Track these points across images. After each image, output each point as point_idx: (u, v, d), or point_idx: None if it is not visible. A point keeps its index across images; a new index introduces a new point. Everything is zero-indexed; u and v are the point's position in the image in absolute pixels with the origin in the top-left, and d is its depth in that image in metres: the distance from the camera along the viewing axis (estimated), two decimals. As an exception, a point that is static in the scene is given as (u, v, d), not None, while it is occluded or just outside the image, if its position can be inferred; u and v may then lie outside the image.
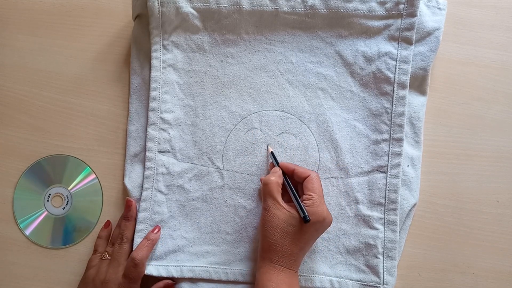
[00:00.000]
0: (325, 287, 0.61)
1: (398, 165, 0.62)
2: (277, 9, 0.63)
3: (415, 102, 0.64)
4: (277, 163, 0.61)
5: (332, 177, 0.63)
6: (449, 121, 0.65)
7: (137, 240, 0.62)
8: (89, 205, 0.66)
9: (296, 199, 0.56)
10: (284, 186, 0.59)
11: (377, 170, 0.62)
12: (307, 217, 0.54)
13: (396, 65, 0.62)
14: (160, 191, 0.63)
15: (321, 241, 0.62)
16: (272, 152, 0.62)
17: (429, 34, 0.63)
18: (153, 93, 0.64)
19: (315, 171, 0.63)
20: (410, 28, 0.62)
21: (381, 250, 0.61)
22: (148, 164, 0.63)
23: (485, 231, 0.64)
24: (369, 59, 0.63)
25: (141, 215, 0.63)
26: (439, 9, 0.64)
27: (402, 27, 0.62)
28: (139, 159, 0.65)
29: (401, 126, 0.62)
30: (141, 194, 0.63)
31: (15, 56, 0.68)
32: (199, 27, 0.64)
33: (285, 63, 0.64)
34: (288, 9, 0.63)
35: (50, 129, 0.67)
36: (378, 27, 0.62)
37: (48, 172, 0.66)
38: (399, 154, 0.62)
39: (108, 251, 0.62)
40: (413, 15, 0.61)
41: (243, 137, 0.64)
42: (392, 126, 0.62)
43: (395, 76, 0.62)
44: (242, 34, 0.64)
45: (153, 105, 0.64)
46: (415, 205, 0.63)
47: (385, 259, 0.61)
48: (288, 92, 0.64)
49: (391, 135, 0.62)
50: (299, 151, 0.63)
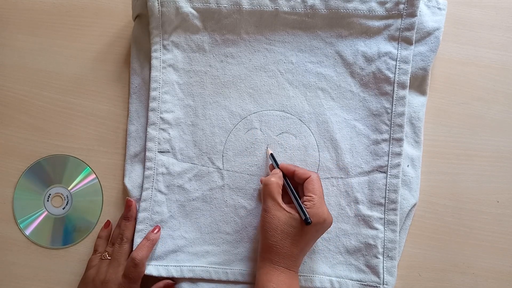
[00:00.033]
0: (325, 287, 0.61)
1: (398, 165, 0.62)
2: (277, 9, 0.63)
3: (415, 102, 0.64)
4: (277, 164, 0.61)
5: (332, 177, 0.63)
6: (449, 121, 0.65)
7: (137, 240, 0.62)
8: (89, 205, 0.66)
9: (297, 201, 0.56)
10: (284, 187, 0.59)
11: (377, 170, 0.62)
12: (308, 219, 0.54)
13: (396, 65, 0.62)
14: (160, 191, 0.63)
15: (321, 241, 0.62)
16: (271, 154, 0.62)
17: (429, 34, 0.63)
18: (153, 93, 0.64)
19: (315, 171, 0.63)
20: (410, 28, 0.62)
21: (381, 250, 0.61)
22: (148, 164, 0.63)
23: (485, 231, 0.64)
24: (369, 59, 0.63)
25: (141, 215, 0.63)
26: (439, 9, 0.64)
27: (402, 27, 0.62)
28: (139, 159, 0.65)
29: (401, 126, 0.62)
30: (141, 194, 0.63)
31: (15, 56, 0.68)
32: (199, 27, 0.64)
33: (285, 63, 0.64)
34: (288, 9, 0.63)
35: (50, 129, 0.67)
36: (378, 27, 0.62)
37: (48, 172, 0.66)
38: (399, 154, 0.62)
39: (108, 251, 0.62)
40: (413, 15, 0.61)
41: (243, 137, 0.64)
42: (392, 126, 0.62)
43: (395, 76, 0.62)
44: (242, 34, 0.64)
45: (153, 105, 0.64)
46: (415, 205, 0.63)
47: (385, 259, 0.61)
48: (288, 92, 0.64)
49: (391, 135, 0.62)
50: (299, 151, 0.63)
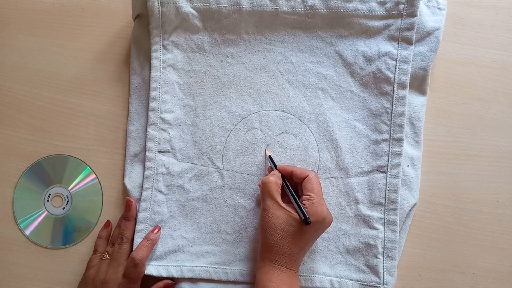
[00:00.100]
0: (325, 287, 0.61)
1: (398, 165, 0.62)
2: (277, 9, 0.63)
3: (415, 102, 0.64)
4: (275, 166, 0.61)
5: (332, 177, 0.63)
6: (449, 121, 0.65)
7: (137, 240, 0.62)
8: (89, 205, 0.66)
9: (295, 201, 0.56)
10: (283, 188, 0.59)
11: (377, 170, 0.62)
12: (307, 219, 0.54)
13: (396, 65, 0.62)
14: (160, 191, 0.63)
15: (321, 241, 0.62)
16: (270, 156, 0.62)
17: (429, 34, 0.63)
18: (153, 93, 0.64)
19: (315, 171, 0.63)
20: (410, 28, 0.62)
21: (381, 250, 0.61)
22: (148, 164, 0.63)
23: (485, 231, 0.64)
24: (369, 59, 0.63)
25: (141, 215, 0.63)
26: (439, 9, 0.64)
27: (402, 27, 0.62)
28: (139, 159, 0.65)
29: (401, 126, 0.62)
30: (141, 194, 0.63)
31: (15, 56, 0.68)
32: (199, 27, 0.64)
33: (285, 63, 0.64)
34: (288, 9, 0.63)
35: (50, 129, 0.67)
36: (378, 27, 0.62)
37: (48, 172, 0.66)
38: (399, 154, 0.62)
39: (108, 251, 0.62)
40: (413, 15, 0.61)
41: (243, 137, 0.64)
42: (392, 126, 0.62)
43: (395, 76, 0.62)
44: (242, 34, 0.64)
45: (153, 105, 0.64)
46: (415, 205, 0.63)
47: (385, 259, 0.61)
48: (288, 92, 0.64)
49: (391, 135, 0.62)
50: (299, 151, 0.63)
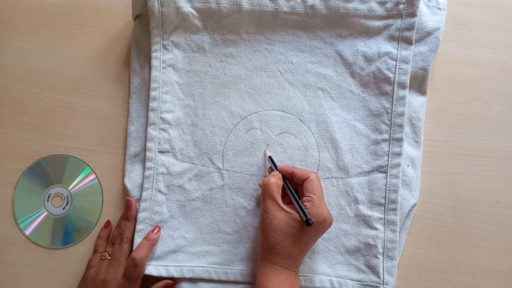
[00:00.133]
0: (325, 287, 0.61)
1: (398, 165, 0.62)
2: (277, 9, 0.63)
3: (415, 102, 0.64)
4: (275, 167, 0.61)
5: (332, 177, 0.63)
6: (449, 121, 0.65)
7: (137, 240, 0.62)
8: (89, 205, 0.66)
9: (297, 202, 0.56)
10: (283, 189, 0.58)
11: (377, 170, 0.62)
12: (309, 220, 0.54)
13: (396, 65, 0.62)
14: (160, 191, 0.63)
15: (321, 241, 0.62)
16: (270, 156, 0.62)
17: (429, 34, 0.63)
18: (153, 93, 0.64)
19: (315, 171, 0.63)
20: (410, 28, 0.62)
21: (381, 250, 0.61)
22: (148, 164, 0.63)
23: (485, 231, 0.64)
24: (369, 59, 0.63)
25: (141, 215, 0.63)
26: (439, 9, 0.64)
27: (402, 27, 0.62)
28: (139, 159, 0.65)
29: (401, 126, 0.62)
30: (141, 194, 0.63)
31: (15, 56, 0.68)
32: (199, 27, 0.64)
33: (285, 63, 0.64)
34: (288, 9, 0.63)
35: (50, 129, 0.67)
36: (378, 27, 0.62)
37: (48, 172, 0.66)
38: (399, 154, 0.62)
39: (108, 251, 0.62)
40: (413, 15, 0.61)
41: (243, 137, 0.64)
42: (392, 126, 0.62)
43: (395, 76, 0.62)
44: (242, 34, 0.64)
45: (153, 105, 0.64)
46: (415, 205, 0.63)
47: (385, 259, 0.61)
48: (288, 92, 0.64)
49: (391, 135, 0.62)
50: (299, 151, 0.63)
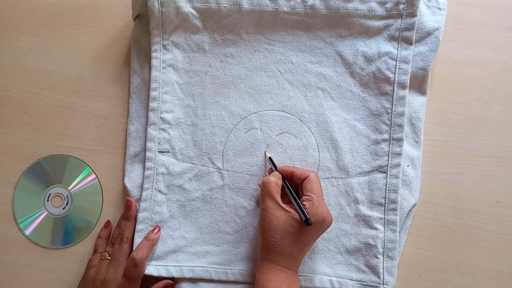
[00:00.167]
0: (325, 287, 0.61)
1: (398, 165, 0.62)
2: (277, 9, 0.63)
3: (415, 102, 0.64)
4: (275, 167, 0.61)
5: (332, 177, 0.63)
6: (449, 121, 0.65)
7: (137, 240, 0.62)
8: (89, 205, 0.66)
9: (296, 202, 0.56)
10: (283, 189, 0.58)
11: (377, 170, 0.62)
12: (308, 220, 0.54)
13: (396, 65, 0.62)
14: (160, 191, 0.63)
15: (321, 241, 0.62)
16: (270, 157, 0.62)
17: (429, 34, 0.63)
18: (153, 93, 0.64)
19: (315, 171, 0.63)
20: (410, 28, 0.62)
21: (381, 250, 0.61)
22: (148, 164, 0.63)
23: (485, 231, 0.64)
24: (369, 59, 0.63)
25: (141, 215, 0.63)
26: (439, 9, 0.64)
27: (402, 27, 0.62)
28: (139, 159, 0.65)
29: (401, 126, 0.62)
30: (141, 194, 0.63)
31: (15, 56, 0.68)
32: (199, 27, 0.64)
33: (285, 63, 0.64)
34: (288, 9, 0.63)
35: (50, 129, 0.67)
36: (378, 27, 0.62)
37: (48, 172, 0.66)
38: (399, 154, 0.62)
39: (108, 251, 0.62)
40: (413, 15, 0.61)
41: (243, 137, 0.64)
42: (392, 126, 0.62)
43: (395, 76, 0.62)
44: (242, 34, 0.64)
45: (153, 105, 0.64)
46: (415, 205, 0.63)
47: (385, 259, 0.61)
48: (288, 92, 0.64)
49: (391, 135, 0.62)
50: (299, 151, 0.63)
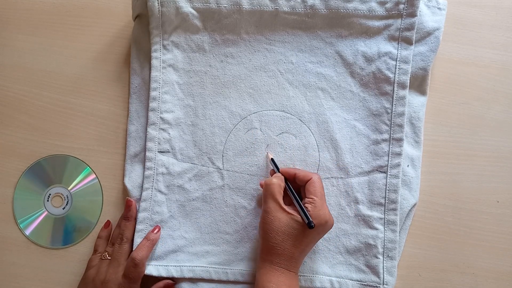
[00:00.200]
0: (325, 287, 0.61)
1: (398, 165, 0.62)
2: (277, 9, 0.63)
3: (415, 102, 0.64)
4: (278, 169, 0.60)
5: (332, 177, 0.63)
6: (449, 121, 0.65)
7: (137, 240, 0.62)
8: (89, 205, 0.66)
9: (299, 205, 0.56)
10: (285, 191, 0.58)
11: (377, 170, 0.62)
12: (311, 223, 0.54)
13: (396, 65, 0.62)
14: (160, 191, 0.63)
15: (321, 241, 0.62)
16: (272, 158, 0.62)
17: (429, 34, 0.63)
18: (153, 93, 0.64)
19: (315, 171, 0.63)
20: (410, 28, 0.62)
21: (381, 250, 0.61)
22: (148, 164, 0.63)
23: (485, 231, 0.64)
24: (369, 59, 0.63)
25: (141, 215, 0.63)
26: (439, 9, 0.64)
27: (402, 27, 0.62)
28: (139, 159, 0.65)
29: (401, 126, 0.62)
30: (141, 194, 0.63)
31: (15, 56, 0.68)
32: (199, 27, 0.64)
33: (285, 63, 0.64)
34: (288, 9, 0.63)
35: (50, 129, 0.67)
36: (378, 27, 0.62)
37: (48, 172, 0.66)
38: (399, 154, 0.62)
39: (108, 251, 0.62)
40: (413, 15, 0.61)
41: (243, 137, 0.64)
42: (392, 126, 0.62)
43: (395, 76, 0.62)
44: (242, 34, 0.64)
45: (153, 105, 0.64)
46: (415, 205, 0.63)
47: (385, 259, 0.61)
48: (288, 92, 0.64)
49: (391, 135, 0.62)
50: (299, 151, 0.63)
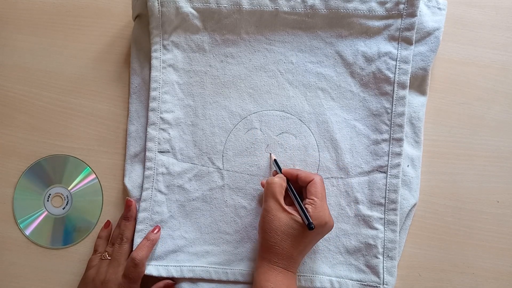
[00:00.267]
0: (325, 287, 0.61)
1: (398, 165, 0.62)
2: (277, 9, 0.63)
3: (415, 102, 0.64)
4: (280, 170, 0.60)
5: (332, 177, 0.63)
6: (449, 121, 0.65)
7: (137, 240, 0.62)
8: (89, 205, 0.66)
9: (300, 205, 0.56)
10: (286, 191, 0.58)
11: (377, 170, 0.62)
12: (311, 224, 0.54)
13: (396, 65, 0.62)
14: (160, 191, 0.63)
15: (321, 241, 0.62)
16: (275, 159, 0.62)
17: (429, 34, 0.63)
18: (153, 93, 0.64)
19: (315, 171, 0.63)
20: (410, 28, 0.62)
21: (381, 250, 0.61)
22: (148, 164, 0.63)
23: (485, 231, 0.64)
24: (369, 59, 0.63)
25: (141, 215, 0.63)
26: (439, 9, 0.64)
27: (402, 27, 0.62)
28: (139, 159, 0.65)
29: (401, 126, 0.62)
30: (141, 194, 0.63)
31: (15, 56, 0.68)
32: (199, 27, 0.64)
33: (285, 63, 0.64)
34: (288, 9, 0.63)
35: (50, 129, 0.67)
36: (378, 27, 0.62)
37: (48, 172, 0.66)
38: (399, 154, 0.62)
39: (108, 251, 0.62)
40: (413, 15, 0.61)
41: (243, 137, 0.64)
42: (392, 126, 0.62)
43: (395, 76, 0.62)
44: (242, 34, 0.64)
45: (153, 105, 0.64)
46: (415, 205, 0.63)
47: (385, 259, 0.61)
48: (288, 92, 0.64)
49: (391, 135, 0.62)
50: (299, 151, 0.63)
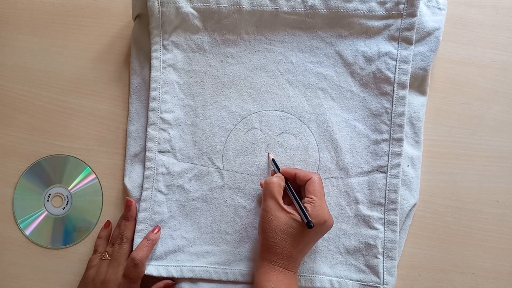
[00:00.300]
0: (325, 287, 0.61)
1: (398, 165, 0.62)
2: (277, 9, 0.63)
3: (415, 102, 0.64)
4: (278, 170, 0.60)
5: (332, 177, 0.63)
6: (449, 121, 0.65)
7: (137, 240, 0.62)
8: (89, 205, 0.66)
9: (298, 205, 0.56)
10: (285, 190, 0.58)
11: (377, 170, 0.62)
12: (310, 223, 0.54)
13: (396, 65, 0.62)
14: (160, 191, 0.63)
15: (321, 241, 0.62)
16: (273, 159, 0.62)
17: (429, 34, 0.63)
18: (153, 93, 0.64)
19: (315, 171, 0.63)
20: (410, 28, 0.62)
21: (381, 250, 0.61)
22: (148, 164, 0.63)
23: (485, 231, 0.64)
24: (369, 59, 0.63)
25: (141, 215, 0.63)
26: (439, 9, 0.64)
27: (402, 27, 0.62)
28: (139, 159, 0.65)
29: (401, 126, 0.62)
30: (141, 194, 0.63)
31: (15, 56, 0.68)
32: (199, 27, 0.64)
33: (285, 63, 0.64)
34: (288, 9, 0.63)
35: (50, 129, 0.67)
36: (378, 27, 0.62)
37: (48, 172, 0.66)
38: (399, 154, 0.62)
39: (108, 251, 0.62)
40: (413, 15, 0.61)
41: (243, 137, 0.64)
42: (392, 126, 0.62)
43: (395, 76, 0.62)
44: (242, 34, 0.64)
45: (153, 105, 0.64)
46: (415, 205, 0.63)
47: (385, 259, 0.61)
48: (288, 92, 0.64)
49: (391, 135, 0.62)
50: (299, 151, 0.63)
